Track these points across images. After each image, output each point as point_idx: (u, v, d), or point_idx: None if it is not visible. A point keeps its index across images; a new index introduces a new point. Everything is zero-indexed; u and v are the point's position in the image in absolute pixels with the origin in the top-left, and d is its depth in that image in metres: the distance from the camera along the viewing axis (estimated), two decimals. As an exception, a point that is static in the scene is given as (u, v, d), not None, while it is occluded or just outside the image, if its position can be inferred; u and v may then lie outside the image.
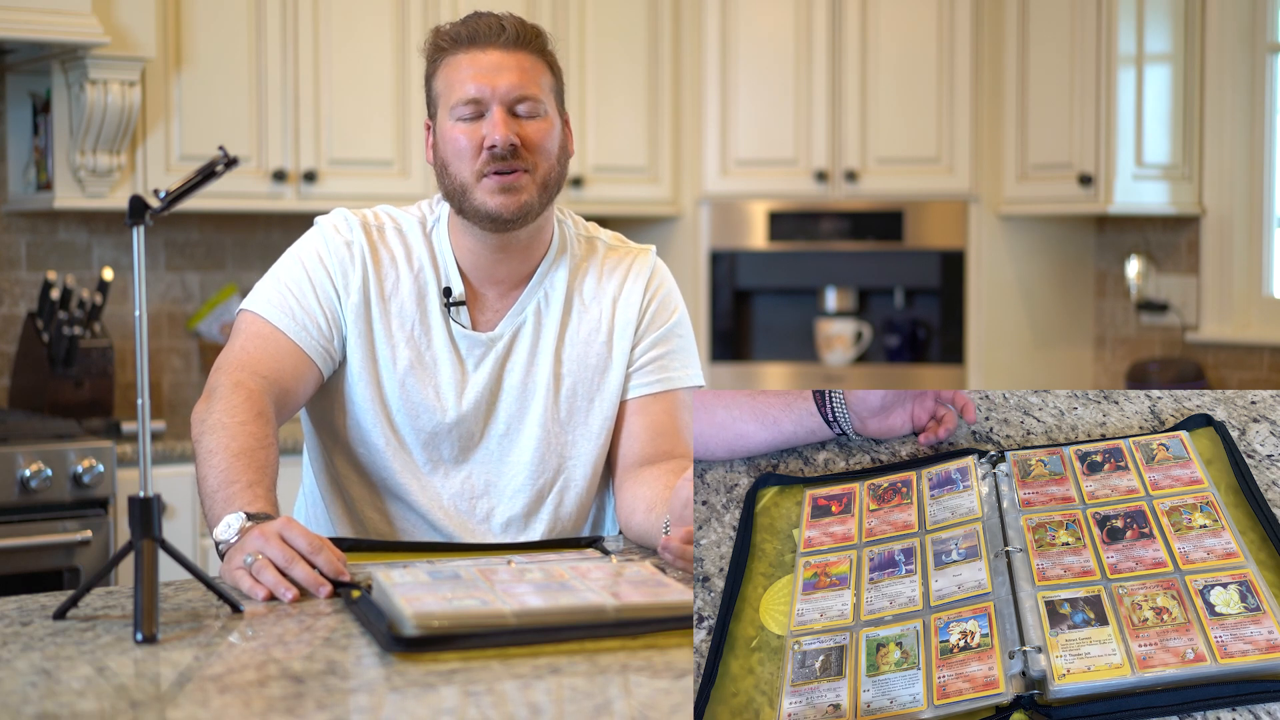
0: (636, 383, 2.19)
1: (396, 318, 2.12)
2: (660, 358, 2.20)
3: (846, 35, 4.48)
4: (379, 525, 2.15)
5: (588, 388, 2.17)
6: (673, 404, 2.19)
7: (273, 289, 2.12)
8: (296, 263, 2.13)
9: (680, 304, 2.25)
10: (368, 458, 2.13)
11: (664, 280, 2.24)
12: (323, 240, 2.14)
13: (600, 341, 2.18)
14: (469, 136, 2.06)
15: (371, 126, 4.10)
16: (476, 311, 2.15)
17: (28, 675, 1.42)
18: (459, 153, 2.07)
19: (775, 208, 4.57)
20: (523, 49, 2.08)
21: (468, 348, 2.13)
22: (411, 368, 2.11)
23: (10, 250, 4.00)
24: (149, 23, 3.71)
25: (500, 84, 2.06)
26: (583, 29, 4.39)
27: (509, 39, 2.07)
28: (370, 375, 2.11)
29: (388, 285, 2.13)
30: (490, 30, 2.07)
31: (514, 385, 2.14)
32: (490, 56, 2.06)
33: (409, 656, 1.49)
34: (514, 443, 2.15)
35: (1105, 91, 4.23)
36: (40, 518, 3.39)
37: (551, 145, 2.10)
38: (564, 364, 2.16)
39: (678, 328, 2.23)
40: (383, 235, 2.15)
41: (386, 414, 2.12)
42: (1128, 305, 4.64)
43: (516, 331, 2.15)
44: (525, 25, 2.10)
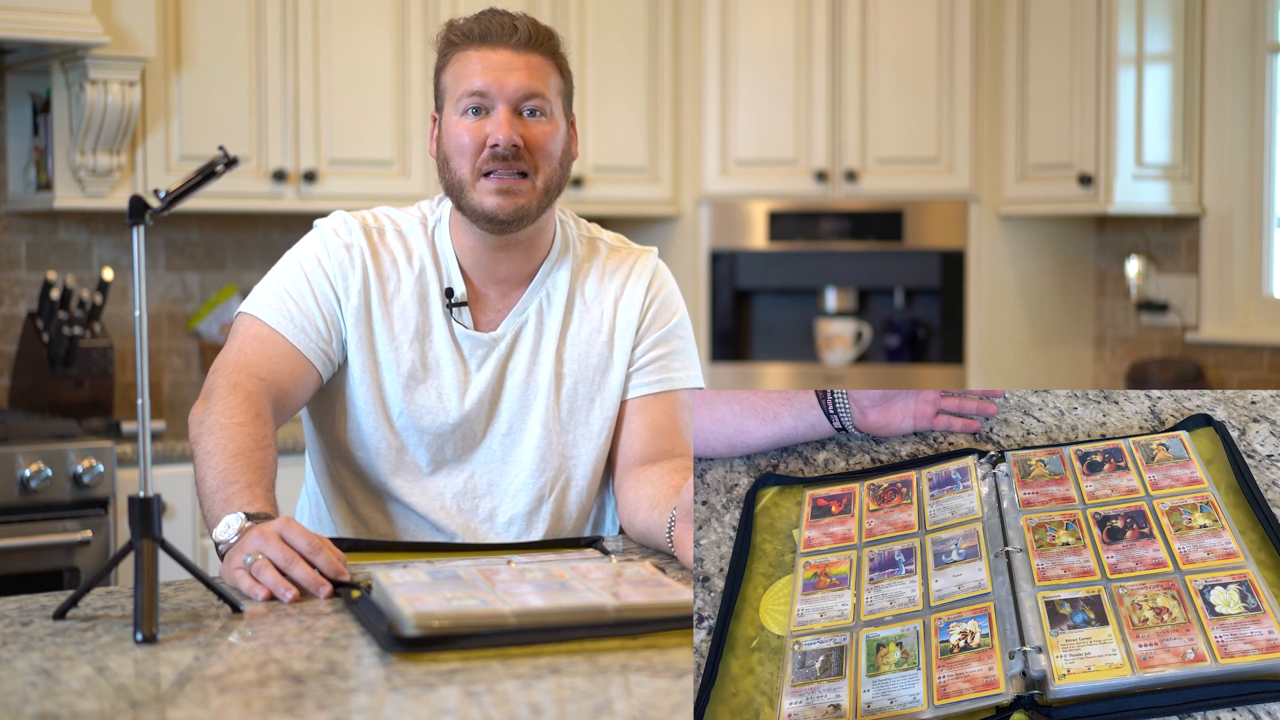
0: (637, 382, 2.19)
1: (399, 320, 2.12)
2: (661, 358, 2.20)
3: (846, 35, 4.48)
4: (381, 525, 2.15)
5: (589, 387, 2.17)
6: (673, 404, 2.19)
7: (271, 292, 2.12)
8: (295, 266, 2.13)
9: (681, 306, 2.26)
10: (367, 461, 2.13)
11: (666, 281, 2.25)
12: (321, 243, 2.14)
13: (602, 341, 2.18)
14: (472, 133, 2.07)
15: (371, 126, 4.10)
16: (478, 311, 2.15)
17: (28, 675, 1.42)
18: (461, 149, 2.07)
19: (775, 208, 4.57)
20: (534, 50, 2.08)
21: (470, 348, 2.13)
22: (414, 370, 2.11)
23: (10, 250, 4.00)
24: (149, 23, 3.71)
25: (508, 83, 2.06)
26: (583, 28, 4.39)
27: (521, 39, 2.07)
28: (372, 379, 2.11)
29: (389, 288, 2.13)
30: (503, 29, 2.07)
31: (516, 385, 2.14)
32: (500, 55, 2.07)
33: (409, 656, 1.49)
34: (516, 442, 2.15)
35: (1105, 91, 4.23)
36: (40, 518, 3.39)
37: (555, 148, 2.10)
38: (565, 364, 2.16)
39: (679, 329, 2.23)
40: (383, 237, 2.15)
41: (388, 417, 2.12)
42: (1128, 305, 4.64)
43: (519, 331, 2.15)
44: (538, 27, 2.10)
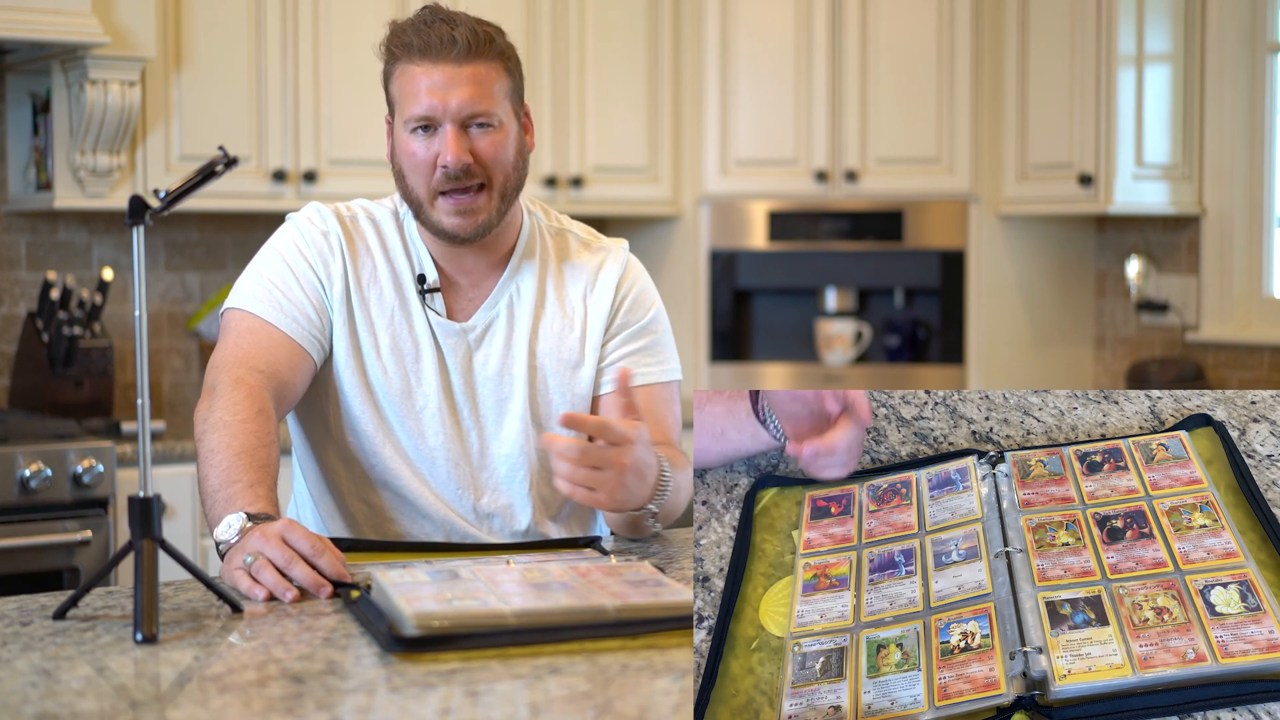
0: (609, 378, 2.20)
1: (376, 305, 2.14)
2: (634, 353, 2.21)
3: (846, 35, 4.48)
4: (368, 518, 2.15)
5: (560, 382, 2.19)
6: (646, 399, 2.20)
7: (256, 284, 2.12)
8: (276, 256, 2.14)
9: (656, 300, 2.26)
10: (358, 445, 2.14)
11: (637, 278, 2.25)
12: (299, 232, 2.15)
13: (574, 337, 2.20)
14: (423, 151, 2.08)
15: (371, 126, 4.09)
16: (451, 299, 2.18)
17: (28, 675, 1.42)
18: (415, 167, 2.09)
19: (775, 208, 4.57)
20: (476, 59, 2.06)
21: (443, 335, 2.15)
22: (393, 352, 2.13)
23: (10, 250, 3.99)
24: (149, 23, 3.71)
25: (451, 101, 2.05)
26: (583, 29, 4.39)
27: (461, 51, 2.05)
28: (355, 363, 2.13)
29: (365, 273, 2.15)
30: (442, 42, 2.05)
31: (490, 377, 2.16)
32: (442, 71, 2.05)
33: (409, 656, 1.49)
34: (496, 434, 2.16)
35: (1105, 91, 4.23)
36: (40, 518, 3.39)
37: (506, 155, 2.10)
38: (538, 357, 2.18)
39: (652, 324, 2.24)
40: (356, 224, 2.17)
41: (373, 400, 2.13)
42: (1128, 305, 4.63)
43: (490, 324, 2.17)
44: (477, 33, 2.07)
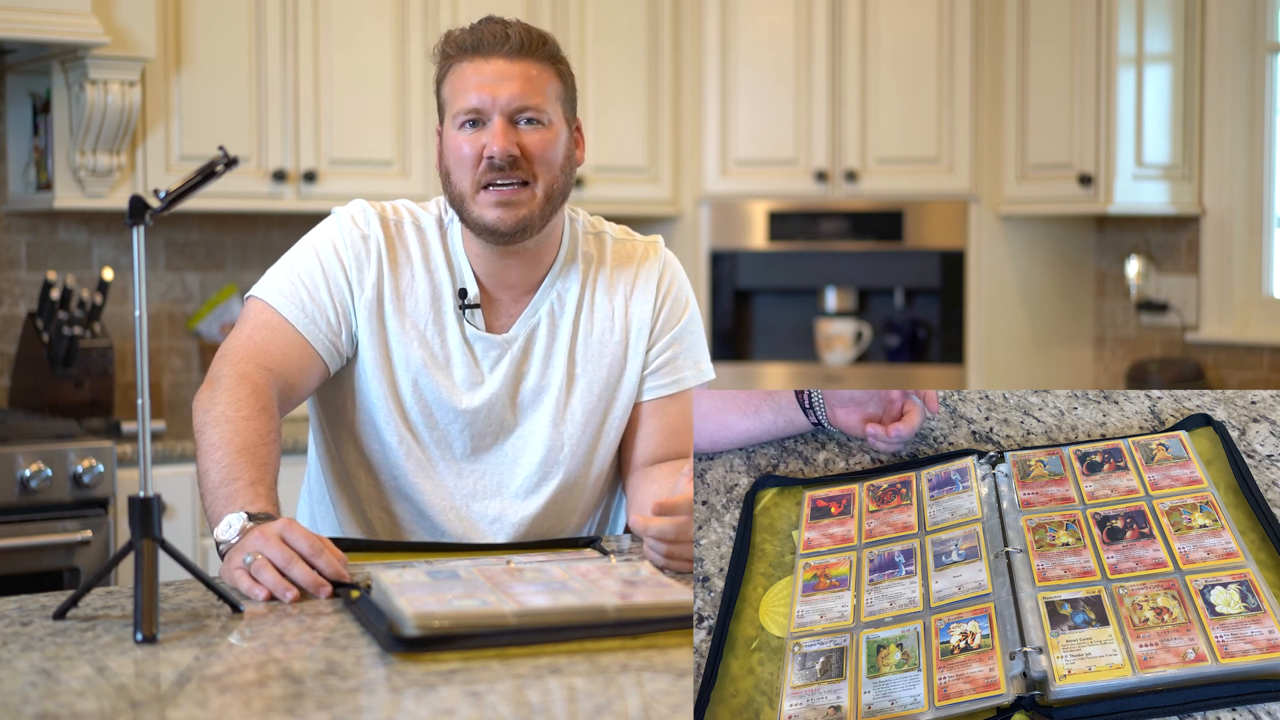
0: (651, 385, 2.20)
1: (411, 315, 2.12)
2: (674, 359, 2.21)
3: (846, 35, 4.48)
4: (386, 526, 2.15)
5: (603, 389, 2.17)
6: (686, 404, 2.21)
7: (284, 277, 2.11)
8: (311, 252, 2.13)
9: (690, 297, 2.27)
10: (380, 454, 2.13)
11: (675, 275, 2.26)
12: (339, 231, 2.13)
13: (615, 342, 2.19)
14: (470, 145, 2.07)
15: (371, 126, 4.10)
16: (490, 315, 2.15)
17: (28, 675, 1.42)
18: (460, 161, 2.07)
19: (775, 208, 4.57)
20: (528, 57, 2.08)
21: (483, 349, 2.13)
22: (425, 365, 2.11)
23: (10, 250, 4.00)
24: (149, 23, 3.71)
25: (501, 94, 2.05)
26: (582, 29, 4.39)
27: (513, 48, 2.07)
28: (384, 372, 2.11)
29: (403, 282, 2.13)
30: (495, 39, 2.07)
31: (529, 387, 2.14)
32: (494, 65, 2.06)
33: (409, 656, 1.49)
34: (526, 443, 2.15)
35: (1105, 91, 4.23)
36: (40, 518, 3.39)
37: (554, 155, 2.09)
38: (578, 364, 2.16)
39: (690, 324, 2.24)
40: (400, 231, 2.15)
41: (401, 410, 2.11)
42: (1128, 305, 4.64)
43: (531, 333, 2.15)
44: (531, 33, 2.09)
